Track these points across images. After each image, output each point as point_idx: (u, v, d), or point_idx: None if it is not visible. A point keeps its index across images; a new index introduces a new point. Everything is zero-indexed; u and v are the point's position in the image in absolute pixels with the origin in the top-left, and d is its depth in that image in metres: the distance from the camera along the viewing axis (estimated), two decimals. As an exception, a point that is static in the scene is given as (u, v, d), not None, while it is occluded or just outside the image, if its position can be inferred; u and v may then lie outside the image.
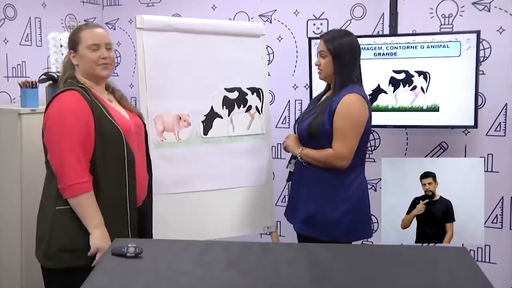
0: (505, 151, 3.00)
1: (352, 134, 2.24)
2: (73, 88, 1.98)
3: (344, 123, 2.23)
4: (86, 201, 1.93)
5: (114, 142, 1.98)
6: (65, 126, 1.91)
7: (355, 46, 2.32)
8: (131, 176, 2.02)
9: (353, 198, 2.30)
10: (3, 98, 3.13)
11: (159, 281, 1.55)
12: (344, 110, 2.23)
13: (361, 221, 2.34)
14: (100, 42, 2.03)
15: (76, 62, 2.05)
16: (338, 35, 2.33)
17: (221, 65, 2.64)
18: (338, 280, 1.58)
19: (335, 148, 2.24)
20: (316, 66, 2.38)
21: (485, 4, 2.96)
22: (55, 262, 1.95)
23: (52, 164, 1.95)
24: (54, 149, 1.94)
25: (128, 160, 2.01)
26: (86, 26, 2.08)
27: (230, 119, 2.66)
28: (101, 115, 1.97)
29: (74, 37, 2.05)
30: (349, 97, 2.25)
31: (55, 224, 1.95)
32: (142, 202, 2.16)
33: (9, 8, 3.14)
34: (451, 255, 1.76)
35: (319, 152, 2.29)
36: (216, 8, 3.58)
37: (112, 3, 3.88)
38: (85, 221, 1.93)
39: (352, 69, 2.32)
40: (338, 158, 2.23)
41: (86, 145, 1.93)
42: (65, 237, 1.94)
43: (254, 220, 2.70)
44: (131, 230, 2.05)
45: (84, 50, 2.02)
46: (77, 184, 1.90)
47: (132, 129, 2.08)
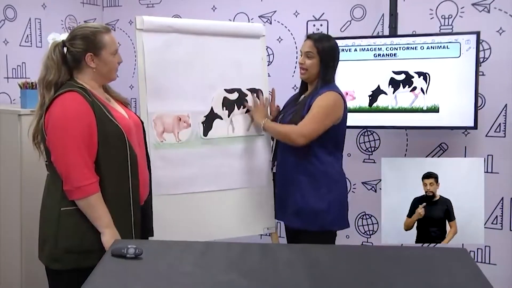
0: (505, 152, 3.00)
1: (321, 119, 2.34)
2: (73, 89, 1.96)
3: (316, 109, 2.34)
4: (95, 202, 1.93)
5: (116, 142, 1.98)
6: (68, 129, 1.90)
7: (338, 50, 2.47)
8: (134, 175, 2.03)
9: (337, 188, 2.44)
10: (3, 99, 3.13)
11: (159, 282, 1.55)
12: (320, 101, 2.36)
13: (345, 210, 2.48)
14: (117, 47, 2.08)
15: (94, 66, 2.01)
16: (326, 37, 2.50)
17: (221, 66, 2.64)
18: (338, 281, 1.57)
19: (300, 124, 2.35)
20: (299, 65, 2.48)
21: (484, 5, 2.96)
22: (62, 263, 1.95)
23: (57, 167, 1.94)
24: (59, 152, 1.93)
25: (131, 159, 2.01)
26: (106, 30, 2.05)
27: (230, 120, 2.66)
28: (102, 116, 1.97)
29: (94, 40, 2.00)
30: (329, 93, 2.38)
31: (60, 226, 1.95)
32: (144, 202, 2.16)
33: (9, 9, 3.15)
34: (451, 256, 1.76)
35: (283, 125, 2.44)
36: (216, 9, 3.58)
37: (112, 4, 3.89)
38: (95, 221, 1.94)
39: (334, 71, 2.47)
40: (298, 134, 2.33)
41: (90, 146, 1.93)
42: (72, 238, 1.94)
43: (254, 221, 2.70)
44: (134, 229, 2.05)
45: (109, 56, 2.03)
46: (85, 186, 1.90)
47: (132, 128, 2.08)
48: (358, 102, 3.04)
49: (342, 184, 2.47)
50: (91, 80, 2.04)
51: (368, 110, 3.04)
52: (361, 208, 3.35)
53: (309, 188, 2.40)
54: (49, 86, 1.98)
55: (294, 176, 2.44)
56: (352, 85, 3.03)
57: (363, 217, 3.38)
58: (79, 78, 2.03)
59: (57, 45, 2.02)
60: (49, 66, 1.99)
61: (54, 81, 1.98)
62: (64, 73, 2.00)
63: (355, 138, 3.32)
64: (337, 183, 2.44)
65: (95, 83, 2.05)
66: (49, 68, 1.99)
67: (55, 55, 2.00)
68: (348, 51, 3.03)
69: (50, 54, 2.01)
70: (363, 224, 3.38)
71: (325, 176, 2.41)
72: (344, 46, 3.00)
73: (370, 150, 3.31)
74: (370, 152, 3.31)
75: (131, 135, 2.05)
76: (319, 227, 2.39)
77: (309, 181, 2.41)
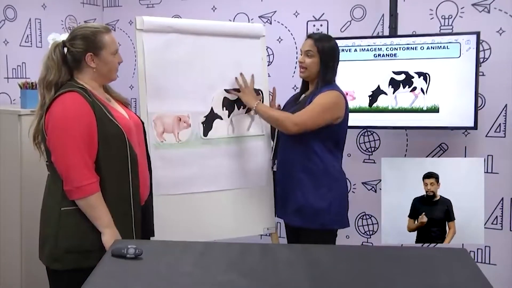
0: (505, 152, 3.00)
1: (317, 112, 2.35)
2: (73, 89, 1.96)
3: (315, 103, 2.36)
4: (95, 202, 1.93)
5: (117, 142, 1.98)
6: (68, 129, 1.90)
7: (338, 50, 2.48)
8: (135, 175, 2.03)
9: (338, 187, 2.44)
10: (3, 99, 3.13)
11: (159, 282, 1.55)
12: (320, 97, 2.37)
13: (345, 209, 2.48)
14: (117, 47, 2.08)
15: (95, 66, 2.01)
16: (326, 37, 2.51)
17: (221, 66, 2.64)
18: (338, 281, 1.58)
19: (296, 113, 2.36)
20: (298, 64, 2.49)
21: (485, 5, 2.96)
22: (63, 263, 1.95)
23: (58, 167, 1.94)
24: (59, 152, 1.93)
25: (131, 159, 2.01)
26: (106, 30, 2.05)
27: (230, 120, 2.66)
28: (103, 116, 1.97)
29: (95, 40, 2.00)
30: (331, 92, 2.40)
31: (61, 225, 1.95)
32: (145, 202, 2.16)
33: (9, 9, 3.15)
34: (451, 256, 1.76)
35: (276, 110, 2.48)
36: (216, 9, 3.58)
37: (112, 4, 3.89)
38: (95, 221, 1.94)
39: (334, 70, 2.47)
40: (291, 121, 2.34)
41: (90, 146, 1.93)
42: (72, 238, 1.94)
43: (254, 221, 2.70)
44: (135, 229, 2.05)
45: (110, 56, 2.04)
46: (85, 186, 1.90)
47: (132, 128, 2.09)
48: (358, 102, 3.04)
49: (342, 183, 2.48)
50: (91, 80, 2.04)
51: (368, 110, 3.04)
52: (361, 208, 3.35)
53: (310, 187, 2.41)
54: (50, 86, 1.97)
55: (295, 174, 2.44)
56: (352, 85, 3.03)
57: (363, 217, 3.38)
58: (79, 78, 2.03)
59: (58, 45, 2.02)
60: (49, 66, 1.99)
61: (55, 81, 1.98)
62: (64, 73, 2.00)
63: (355, 138, 3.32)
64: (337, 181, 2.45)
65: (95, 83, 2.05)
66: (49, 68, 1.99)
67: (55, 55, 2.00)
68: (348, 51, 3.03)
69: (50, 54, 2.01)
70: (363, 224, 3.38)
71: (326, 175, 2.41)
72: (344, 46, 3.00)
73: (370, 150, 3.31)
74: (370, 152, 3.31)
75: (131, 135, 2.05)
76: (320, 226, 2.39)
77: (310, 179, 2.41)
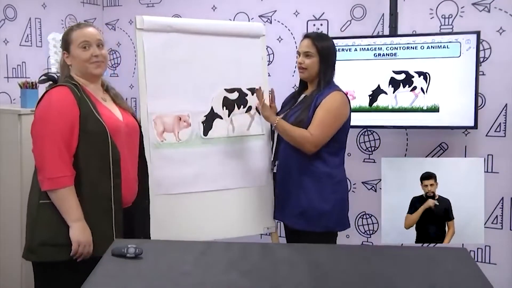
0: (505, 151, 3.00)
1: (330, 125, 2.35)
2: (64, 84, 2.01)
3: (326, 114, 2.35)
4: (66, 195, 1.93)
5: (98, 140, 1.99)
6: (49, 120, 1.94)
7: (335, 49, 2.47)
8: (116, 175, 2.02)
9: (341, 189, 2.43)
10: (3, 99, 3.14)
11: (159, 282, 1.55)
12: (328, 103, 2.35)
13: (346, 210, 2.48)
14: (91, 40, 2.06)
15: (70, 62, 2.08)
16: (324, 36, 2.51)
17: (221, 65, 2.64)
18: (338, 280, 1.58)
19: (313, 133, 2.33)
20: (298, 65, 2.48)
21: (485, 5, 2.96)
22: (37, 255, 1.97)
23: (34, 157, 1.97)
24: (36, 143, 1.96)
25: (113, 158, 2.01)
26: (77, 27, 2.10)
27: (230, 119, 2.66)
28: (88, 112, 1.98)
29: (66, 38, 2.08)
30: (335, 94, 2.38)
31: (38, 218, 1.97)
32: (132, 203, 2.15)
33: (9, 9, 3.15)
34: (451, 255, 1.76)
35: (296, 129, 2.36)
36: (216, 8, 3.58)
37: (112, 4, 3.88)
38: (64, 214, 1.94)
39: (334, 69, 2.46)
40: (311, 142, 2.33)
41: (69, 140, 1.95)
42: (47, 231, 1.95)
43: (254, 220, 2.70)
44: (115, 229, 2.04)
45: (76, 49, 2.05)
46: (57, 178, 1.92)
47: (122, 129, 2.08)
48: (358, 102, 3.04)
49: (344, 184, 2.47)
50: (78, 77, 2.08)
51: (368, 109, 3.04)
52: (361, 208, 3.35)
53: (314, 190, 2.38)
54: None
55: (298, 177, 2.42)
56: (352, 84, 3.02)
57: (363, 217, 3.38)
58: (72, 75, 2.09)
59: None
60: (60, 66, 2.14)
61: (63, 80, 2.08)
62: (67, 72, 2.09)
63: (355, 138, 3.32)
64: (340, 183, 2.43)
65: (84, 80, 2.09)
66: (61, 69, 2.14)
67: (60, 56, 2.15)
68: (348, 51, 3.03)
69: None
70: (363, 224, 3.38)
71: (329, 177, 2.39)
72: (344, 46, 3.00)
73: (370, 150, 3.31)
74: (370, 152, 3.31)
75: (118, 136, 2.05)
76: (324, 228, 2.37)
77: (313, 182, 2.38)
